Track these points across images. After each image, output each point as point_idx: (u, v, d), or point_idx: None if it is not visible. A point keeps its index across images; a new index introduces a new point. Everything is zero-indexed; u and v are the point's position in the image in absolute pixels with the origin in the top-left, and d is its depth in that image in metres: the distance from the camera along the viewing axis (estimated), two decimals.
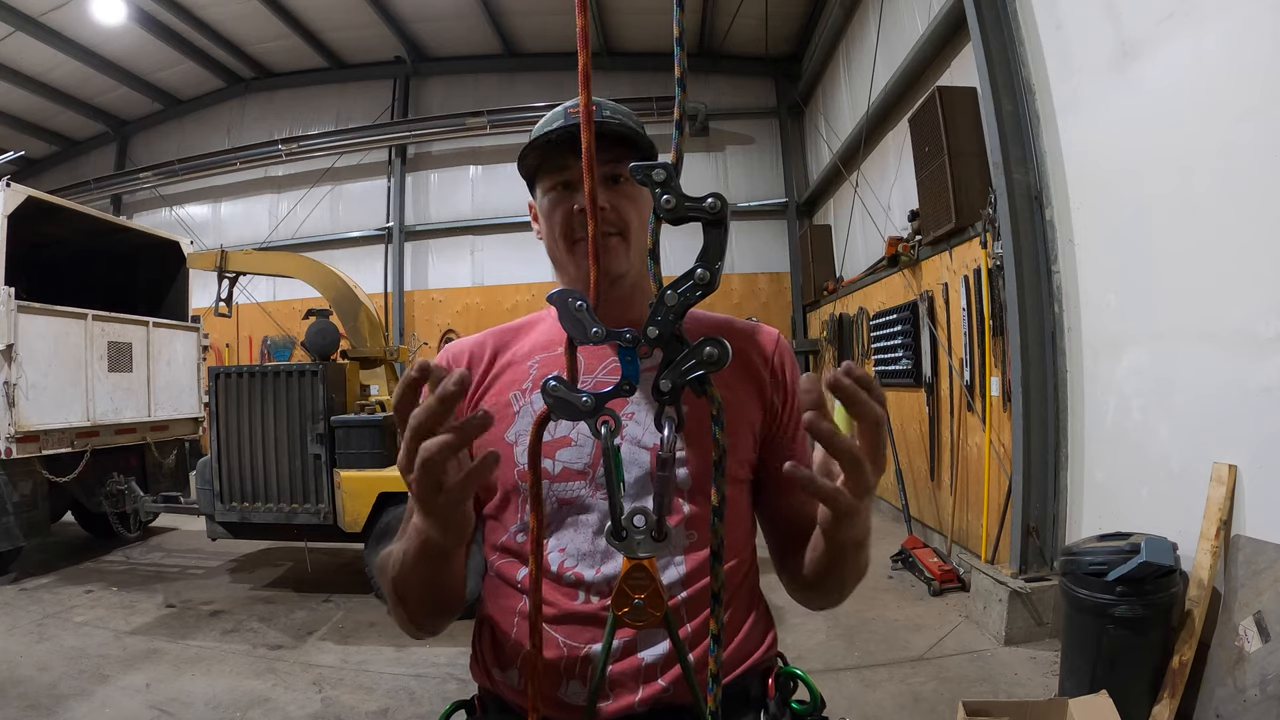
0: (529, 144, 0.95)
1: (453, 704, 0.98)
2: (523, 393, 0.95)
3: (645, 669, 0.84)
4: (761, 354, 0.99)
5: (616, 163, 0.92)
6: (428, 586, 0.83)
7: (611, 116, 0.94)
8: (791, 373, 0.99)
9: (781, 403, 0.98)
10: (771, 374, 0.98)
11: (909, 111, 5.23)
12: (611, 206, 0.92)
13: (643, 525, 0.65)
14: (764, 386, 0.97)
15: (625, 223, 0.93)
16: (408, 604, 0.85)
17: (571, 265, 0.96)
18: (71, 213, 5.97)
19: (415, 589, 0.83)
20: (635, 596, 0.65)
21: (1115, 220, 3.28)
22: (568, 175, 0.94)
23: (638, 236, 0.95)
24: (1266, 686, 2.22)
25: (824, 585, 0.90)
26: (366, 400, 4.93)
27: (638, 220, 0.94)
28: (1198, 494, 2.67)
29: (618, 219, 0.93)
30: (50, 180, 10.52)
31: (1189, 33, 2.74)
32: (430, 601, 0.86)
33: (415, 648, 3.80)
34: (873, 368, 6.37)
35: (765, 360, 0.98)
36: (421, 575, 0.80)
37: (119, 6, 8.09)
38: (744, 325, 1.02)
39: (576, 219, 0.93)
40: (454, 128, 9.48)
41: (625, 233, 0.94)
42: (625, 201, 0.93)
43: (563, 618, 0.86)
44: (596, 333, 0.65)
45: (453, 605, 0.89)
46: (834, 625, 3.89)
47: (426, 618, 0.88)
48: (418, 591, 0.84)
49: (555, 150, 0.93)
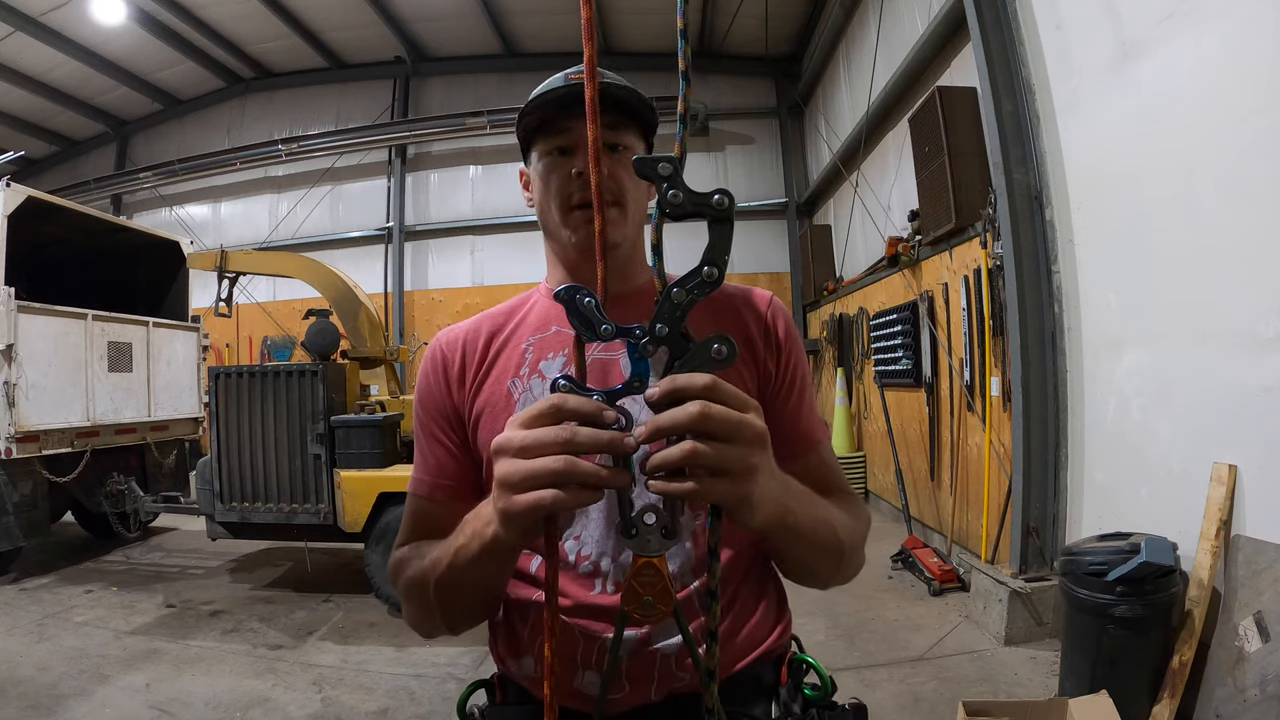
0: (529, 102, 0.92)
1: (472, 684, 0.98)
2: (520, 378, 0.94)
3: (661, 660, 0.84)
4: (755, 315, 0.97)
5: (616, 129, 0.91)
6: (481, 586, 0.82)
7: (614, 82, 0.91)
8: (785, 332, 0.98)
9: (775, 364, 0.96)
10: (765, 335, 0.96)
11: (909, 111, 5.22)
12: (610, 174, 0.89)
13: (653, 522, 0.64)
14: (756, 349, 0.95)
15: (622, 191, 0.91)
16: (449, 604, 0.84)
17: (565, 231, 0.93)
18: (71, 213, 5.97)
19: (467, 589, 0.81)
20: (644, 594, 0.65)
21: (1115, 220, 3.28)
22: (566, 139, 0.91)
23: (634, 206, 0.93)
24: (1266, 686, 2.22)
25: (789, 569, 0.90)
26: (366, 400, 4.93)
27: (634, 189, 0.93)
28: (1198, 494, 2.67)
29: (615, 187, 0.90)
30: (50, 180, 10.51)
31: (1189, 33, 2.74)
32: (478, 601, 0.86)
33: (415, 648, 3.80)
34: (873, 368, 6.38)
35: (758, 321, 0.97)
36: (479, 574, 0.78)
37: (119, 6, 8.09)
38: (736, 289, 1.00)
39: (574, 184, 0.90)
40: (454, 128, 9.48)
41: (622, 202, 0.92)
42: (622, 170, 0.91)
43: (579, 609, 0.86)
44: (606, 329, 0.64)
45: (494, 605, 0.90)
46: (834, 625, 3.89)
47: (462, 619, 0.87)
48: (469, 591, 0.82)
49: (555, 113, 0.91)
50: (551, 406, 0.61)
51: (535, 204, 0.98)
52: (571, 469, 0.59)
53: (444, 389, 0.97)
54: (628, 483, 0.62)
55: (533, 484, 0.60)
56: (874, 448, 6.92)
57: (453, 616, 0.86)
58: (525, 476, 0.60)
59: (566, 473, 0.59)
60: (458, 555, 0.77)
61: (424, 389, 0.99)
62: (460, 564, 0.77)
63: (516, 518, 0.62)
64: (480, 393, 0.95)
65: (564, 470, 0.59)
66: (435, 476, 0.95)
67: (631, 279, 0.98)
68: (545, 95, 0.91)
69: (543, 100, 0.91)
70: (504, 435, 0.63)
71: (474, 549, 0.74)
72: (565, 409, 0.61)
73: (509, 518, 0.63)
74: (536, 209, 0.98)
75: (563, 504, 0.60)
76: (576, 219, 0.91)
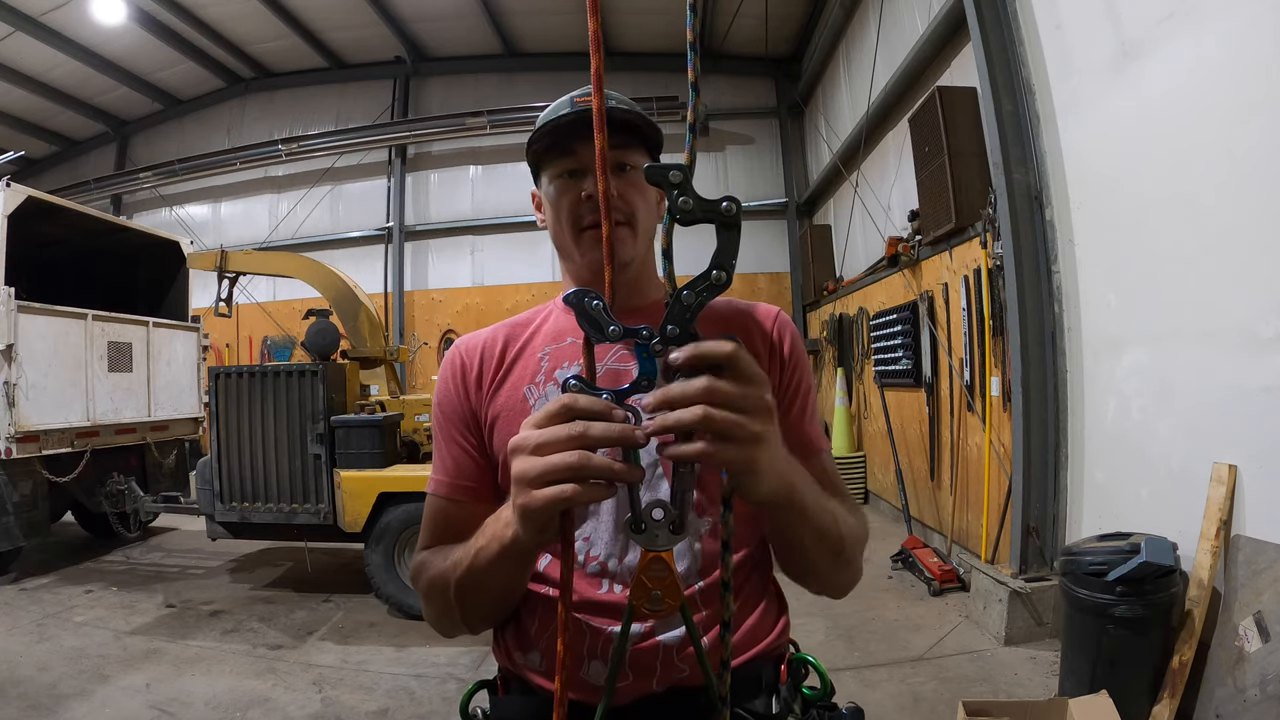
0: (537, 129, 0.95)
1: (475, 684, 1.01)
2: (536, 385, 0.96)
3: (664, 651, 0.87)
4: (761, 331, 1.00)
5: (623, 150, 0.92)
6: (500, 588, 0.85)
7: (619, 104, 0.94)
8: (791, 346, 1.00)
9: (781, 377, 0.98)
10: (769, 349, 0.98)
11: (909, 111, 5.22)
12: (619, 194, 0.92)
13: (661, 518, 0.65)
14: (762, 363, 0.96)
15: (632, 210, 0.94)
16: (469, 605, 0.87)
17: (578, 253, 0.96)
18: (72, 213, 5.97)
19: (486, 590, 0.84)
20: (653, 588, 0.66)
21: (1115, 220, 3.28)
22: (575, 162, 0.93)
23: (643, 224, 0.96)
24: (1266, 686, 2.22)
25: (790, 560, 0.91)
26: (366, 400, 4.93)
27: (644, 208, 0.95)
28: (1198, 494, 2.67)
29: (625, 207, 0.93)
30: (50, 180, 10.52)
31: (1189, 33, 2.74)
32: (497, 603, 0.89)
33: (415, 647, 3.80)
34: (873, 368, 6.38)
35: (764, 336, 0.99)
36: (499, 576, 0.81)
37: (119, 6, 8.09)
38: (743, 304, 1.03)
39: (584, 206, 0.93)
40: (454, 128, 9.48)
41: (632, 221, 0.94)
42: (631, 190, 0.93)
43: (586, 605, 0.88)
44: (614, 331, 0.66)
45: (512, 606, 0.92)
46: (834, 625, 3.89)
47: (481, 620, 0.91)
48: (488, 593, 0.85)
49: (563, 136, 0.93)
50: (563, 406, 0.63)
51: (548, 226, 1.01)
52: (586, 463, 0.61)
53: (462, 393, 1.00)
54: (640, 477, 0.64)
55: (550, 479, 0.62)
56: (874, 448, 6.92)
57: (472, 617, 0.89)
58: (542, 472, 0.62)
59: (581, 466, 0.61)
60: (478, 557, 0.79)
61: (443, 393, 1.02)
62: (480, 565, 0.79)
63: (535, 514, 0.64)
64: (497, 397, 0.97)
65: (579, 464, 0.61)
66: (454, 478, 0.97)
67: (643, 295, 1.00)
68: (553, 121, 0.93)
69: (553, 126, 0.92)
70: (520, 435, 0.65)
71: (493, 550, 0.77)
72: (576, 408, 0.63)
73: (528, 514, 0.65)
74: (550, 231, 1.01)
75: (579, 498, 0.61)
76: (588, 240, 0.94)
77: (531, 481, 0.63)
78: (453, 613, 0.88)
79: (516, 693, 0.96)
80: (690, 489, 0.66)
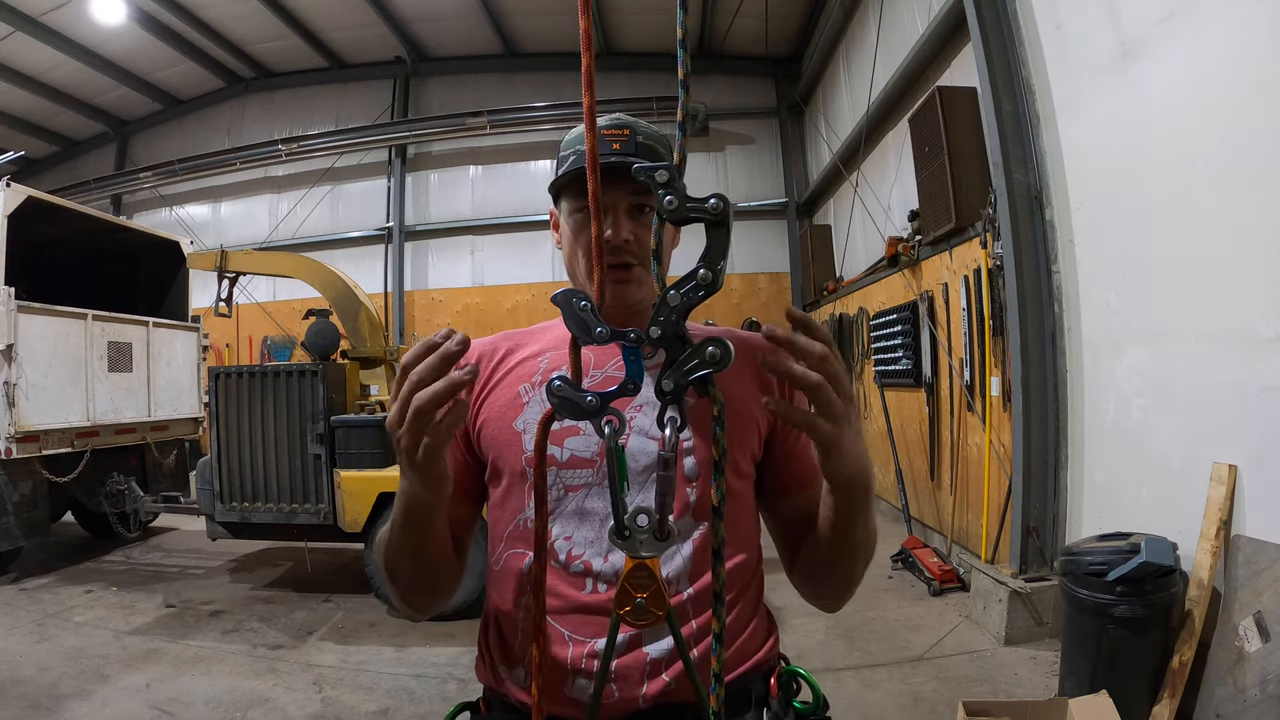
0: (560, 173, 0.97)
1: (457, 705, 0.99)
2: (532, 385, 0.97)
3: (650, 664, 0.85)
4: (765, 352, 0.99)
5: (643, 193, 0.92)
6: (415, 555, 0.85)
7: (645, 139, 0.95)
8: None
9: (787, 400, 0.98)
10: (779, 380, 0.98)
11: (909, 111, 5.22)
12: (636, 238, 0.93)
13: (646, 525, 0.65)
14: (769, 385, 0.97)
15: (647, 254, 0.94)
16: (398, 579, 0.88)
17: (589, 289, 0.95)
18: (72, 213, 5.97)
19: (404, 560, 0.86)
20: (637, 595, 0.65)
21: (1115, 220, 3.28)
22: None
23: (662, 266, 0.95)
24: (1266, 686, 2.22)
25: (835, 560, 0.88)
26: (366, 400, 4.93)
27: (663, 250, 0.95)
28: (1198, 494, 2.67)
29: (641, 251, 0.94)
30: (50, 180, 10.51)
31: (1189, 33, 2.74)
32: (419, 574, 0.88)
33: (415, 647, 3.80)
34: (873, 368, 6.38)
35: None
36: (409, 543, 0.83)
37: (119, 6, 8.08)
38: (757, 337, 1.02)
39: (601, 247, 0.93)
40: (454, 128, 9.48)
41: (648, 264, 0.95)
42: (649, 233, 0.94)
43: (570, 609, 0.87)
44: (600, 332, 0.66)
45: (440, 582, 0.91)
46: (834, 625, 3.89)
47: (415, 595, 0.91)
48: (406, 563, 0.86)
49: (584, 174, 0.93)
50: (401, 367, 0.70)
51: (562, 249, 1.03)
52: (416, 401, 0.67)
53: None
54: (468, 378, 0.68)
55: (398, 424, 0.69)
56: (874, 448, 6.91)
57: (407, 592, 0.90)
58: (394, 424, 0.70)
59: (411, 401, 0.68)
60: (393, 527, 0.83)
61: None
62: (396, 534, 0.83)
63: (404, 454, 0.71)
64: (487, 402, 0.99)
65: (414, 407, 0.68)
66: None
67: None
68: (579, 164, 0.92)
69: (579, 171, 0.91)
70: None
71: (399, 515, 0.81)
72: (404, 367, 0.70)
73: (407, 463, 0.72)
74: (564, 255, 1.03)
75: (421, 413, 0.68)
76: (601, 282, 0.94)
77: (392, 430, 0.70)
78: (392, 589, 0.90)
79: (499, 711, 0.94)
80: (671, 494, 0.65)
